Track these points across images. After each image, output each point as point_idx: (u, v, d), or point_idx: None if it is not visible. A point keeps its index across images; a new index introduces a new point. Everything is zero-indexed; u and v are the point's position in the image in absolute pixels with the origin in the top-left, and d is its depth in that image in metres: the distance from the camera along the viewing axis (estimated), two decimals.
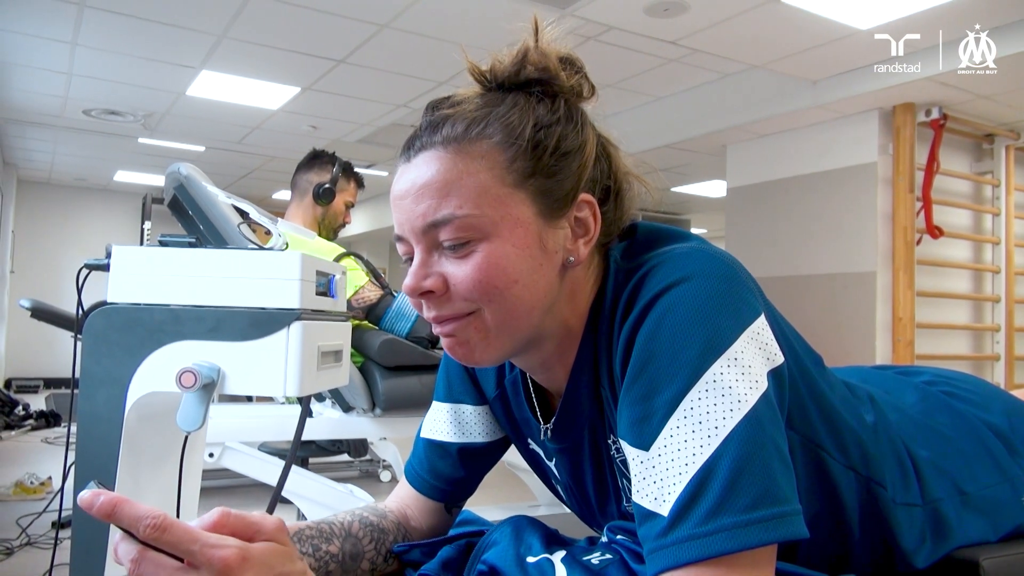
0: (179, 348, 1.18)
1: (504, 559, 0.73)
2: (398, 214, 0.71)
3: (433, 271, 0.69)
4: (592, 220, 0.72)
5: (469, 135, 0.68)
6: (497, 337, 0.70)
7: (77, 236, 9.24)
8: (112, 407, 1.17)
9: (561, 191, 0.70)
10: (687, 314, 0.63)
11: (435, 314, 0.71)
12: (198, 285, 1.20)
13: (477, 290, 0.67)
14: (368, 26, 3.85)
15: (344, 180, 2.69)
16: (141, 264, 1.21)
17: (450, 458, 0.91)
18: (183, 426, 1.17)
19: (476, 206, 0.67)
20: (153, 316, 1.18)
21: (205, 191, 1.92)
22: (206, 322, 1.17)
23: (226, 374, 1.18)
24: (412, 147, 0.71)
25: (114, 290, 1.21)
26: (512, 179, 0.68)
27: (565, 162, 0.70)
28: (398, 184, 0.71)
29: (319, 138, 6.01)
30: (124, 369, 1.17)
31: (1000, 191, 4.74)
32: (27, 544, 2.68)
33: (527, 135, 0.69)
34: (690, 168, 6.17)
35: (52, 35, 4.12)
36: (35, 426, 5.82)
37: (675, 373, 0.61)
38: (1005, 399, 1.03)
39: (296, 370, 1.18)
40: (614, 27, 3.73)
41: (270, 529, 0.59)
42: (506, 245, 0.67)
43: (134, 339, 1.18)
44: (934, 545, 0.82)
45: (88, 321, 1.20)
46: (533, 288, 0.69)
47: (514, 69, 0.71)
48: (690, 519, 0.57)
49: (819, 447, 0.73)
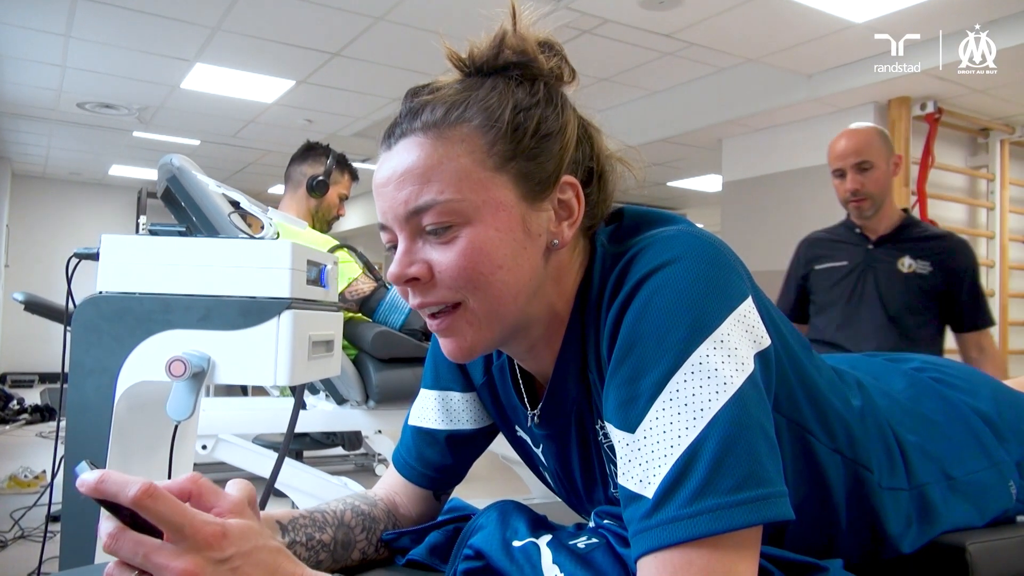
0: (169, 337, 1.17)
1: (490, 543, 0.73)
2: (381, 202, 0.71)
3: (418, 258, 0.69)
4: (576, 202, 0.72)
5: (448, 120, 0.68)
6: (487, 325, 0.70)
7: (72, 230, 9.22)
8: (102, 397, 1.16)
9: (543, 173, 0.70)
10: (673, 297, 0.63)
11: (420, 300, 0.71)
12: (188, 274, 1.19)
13: (462, 277, 0.67)
14: (363, 18, 3.84)
15: (338, 172, 2.68)
16: (131, 253, 1.20)
17: (438, 445, 0.91)
18: (173, 415, 1.16)
19: (457, 191, 0.67)
20: (143, 305, 1.17)
21: (197, 182, 1.92)
22: (196, 311, 1.17)
23: (216, 363, 1.17)
24: (392, 135, 0.71)
25: (104, 279, 1.20)
26: (493, 162, 0.68)
27: (546, 144, 0.70)
28: (380, 172, 0.71)
29: (314, 132, 5.99)
30: (114, 358, 1.17)
31: (995, 185, 4.75)
32: (20, 537, 2.68)
33: (506, 118, 0.68)
34: (685, 162, 6.17)
35: (45, 27, 4.11)
36: (29, 420, 5.82)
37: (661, 356, 0.61)
38: (993, 386, 1.03)
39: (287, 359, 1.18)
40: (609, 20, 3.73)
41: (229, 505, 0.60)
42: (489, 229, 0.67)
43: (124, 328, 1.17)
44: (920, 529, 0.83)
45: (78, 310, 1.19)
46: (518, 272, 0.69)
47: (492, 53, 0.71)
48: (675, 501, 0.57)
49: (806, 430, 0.73)
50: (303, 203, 2.64)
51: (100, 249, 1.22)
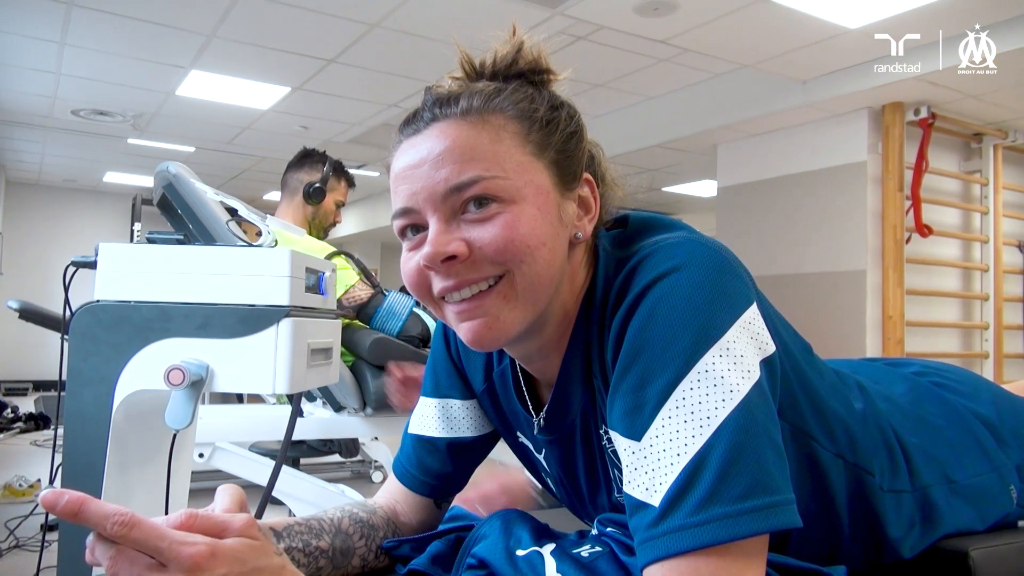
0: (167, 345, 1.16)
1: (493, 553, 0.73)
2: (410, 184, 0.69)
3: (455, 236, 0.68)
4: (592, 199, 0.74)
5: (488, 106, 0.70)
6: (524, 303, 0.68)
7: (67, 238, 9.19)
8: (100, 406, 1.15)
9: (572, 167, 0.73)
10: (678, 304, 0.63)
11: (457, 280, 0.68)
12: (187, 282, 1.18)
13: (508, 250, 0.66)
14: (358, 25, 3.85)
15: (335, 179, 2.68)
16: (129, 261, 1.19)
17: (439, 453, 0.91)
18: (171, 424, 1.15)
19: (502, 169, 0.68)
20: (141, 313, 1.16)
21: (194, 189, 1.91)
22: (195, 319, 1.16)
23: (215, 371, 1.16)
24: (421, 119, 0.71)
25: (102, 287, 1.19)
26: (531, 149, 0.70)
27: (572, 142, 0.73)
28: (408, 156, 0.70)
29: (310, 138, 5.99)
30: (111, 367, 1.16)
31: (988, 190, 4.77)
32: (15, 547, 2.66)
33: (540, 112, 0.71)
34: (681, 168, 6.18)
35: (40, 35, 4.10)
36: (24, 429, 5.78)
37: (667, 363, 0.61)
38: (993, 390, 1.04)
39: (286, 367, 1.17)
40: (604, 26, 3.74)
41: (239, 526, 0.59)
42: (532, 208, 0.68)
43: (122, 337, 1.16)
44: (922, 532, 0.83)
45: (75, 319, 1.18)
46: (556, 255, 0.70)
47: (507, 61, 0.73)
48: (681, 509, 0.57)
49: (808, 435, 0.73)
50: (299, 210, 2.64)
51: (97, 257, 1.21)
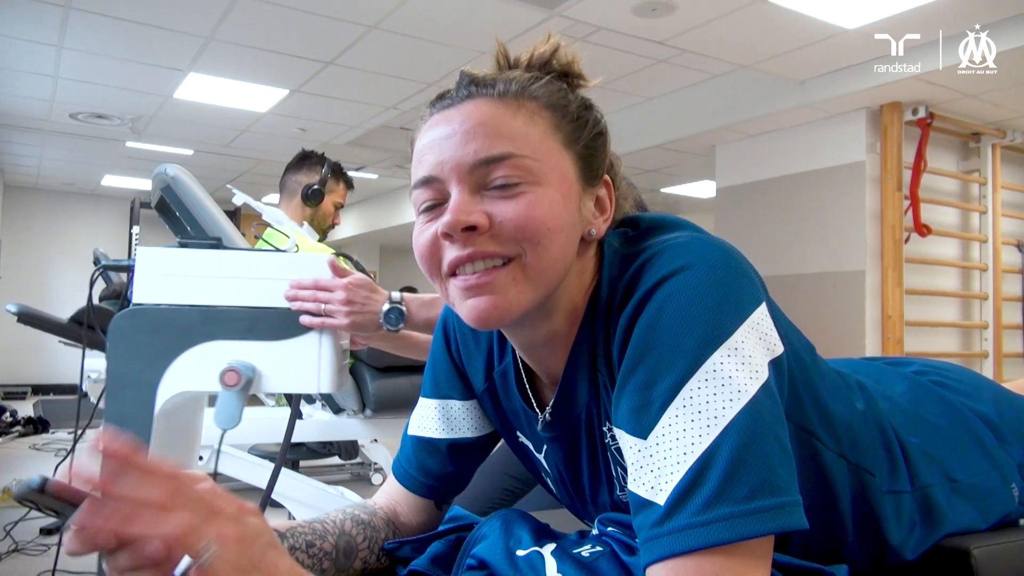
0: (211, 348, 1.18)
1: (494, 553, 0.73)
2: (437, 154, 0.69)
3: (477, 208, 0.67)
4: (608, 201, 0.76)
5: (524, 93, 0.71)
6: (533, 285, 0.68)
7: (65, 241, 9.18)
8: (141, 408, 1.17)
9: (596, 165, 0.74)
10: (687, 303, 0.63)
11: (471, 251, 0.67)
12: (229, 286, 1.20)
13: (528, 229, 0.66)
14: (356, 27, 3.84)
15: (333, 181, 2.68)
16: (169, 265, 1.20)
17: (439, 455, 0.91)
18: (222, 424, 1.17)
19: (533, 150, 0.68)
20: (183, 317, 1.17)
21: (193, 192, 1.91)
22: (240, 322, 1.18)
23: (261, 373, 1.19)
24: (457, 95, 0.72)
25: (140, 291, 1.20)
26: (561, 138, 0.71)
27: (599, 141, 0.75)
28: (439, 127, 0.70)
29: (308, 140, 5.99)
30: (153, 370, 1.17)
31: (987, 189, 4.77)
32: (15, 551, 2.66)
33: (572, 107, 0.73)
34: (679, 168, 6.19)
35: (38, 38, 4.10)
36: (23, 432, 5.77)
37: (674, 362, 0.61)
38: (994, 389, 1.03)
39: (329, 367, 1.21)
40: (602, 27, 3.74)
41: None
42: (556, 192, 0.69)
43: (164, 340, 1.17)
44: (924, 532, 0.82)
45: (113, 323, 1.18)
46: (569, 244, 0.70)
47: (548, 55, 0.75)
48: (687, 508, 0.57)
49: (812, 435, 0.73)
50: (298, 212, 2.63)
51: (134, 261, 1.24)
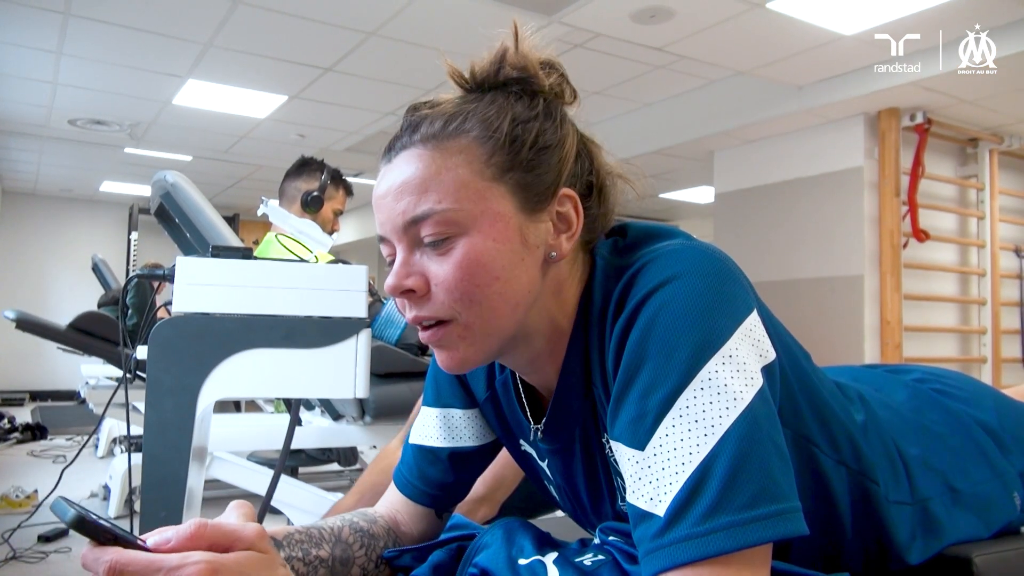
0: (252, 355, 1.24)
1: (496, 562, 0.72)
2: (380, 214, 0.71)
3: (415, 270, 0.69)
4: (574, 215, 0.72)
5: (447, 131, 0.69)
6: (481, 339, 0.70)
7: (63, 247, 9.17)
8: (182, 414, 1.21)
9: (541, 185, 0.70)
10: (680, 312, 0.62)
11: (415, 315, 0.70)
12: (268, 295, 1.25)
13: (458, 290, 0.67)
14: (355, 34, 3.85)
15: (333, 188, 2.68)
16: (208, 274, 1.25)
17: (440, 464, 0.91)
18: None
19: (455, 200, 0.67)
20: (224, 325, 1.21)
21: (192, 199, 1.91)
22: (279, 330, 1.23)
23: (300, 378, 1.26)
24: (393, 148, 0.72)
25: (180, 300, 1.23)
26: (491, 173, 0.68)
27: (544, 156, 0.70)
28: (379, 186, 0.71)
29: (307, 147, 5.99)
30: (195, 377, 1.22)
31: (984, 195, 4.78)
32: (12, 558, 2.65)
33: (504, 129, 0.69)
34: (677, 174, 6.20)
35: (36, 44, 4.10)
36: (21, 439, 5.75)
37: (669, 372, 0.61)
38: (995, 396, 1.03)
39: (364, 373, 1.27)
40: (600, 34, 3.75)
41: (250, 537, 0.58)
42: (487, 240, 0.67)
43: (204, 347, 1.21)
44: (925, 542, 0.82)
45: (155, 331, 1.21)
46: (515, 284, 0.68)
47: (493, 68, 0.72)
48: (687, 519, 0.57)
49: (810, 442, 0.73)
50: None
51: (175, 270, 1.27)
